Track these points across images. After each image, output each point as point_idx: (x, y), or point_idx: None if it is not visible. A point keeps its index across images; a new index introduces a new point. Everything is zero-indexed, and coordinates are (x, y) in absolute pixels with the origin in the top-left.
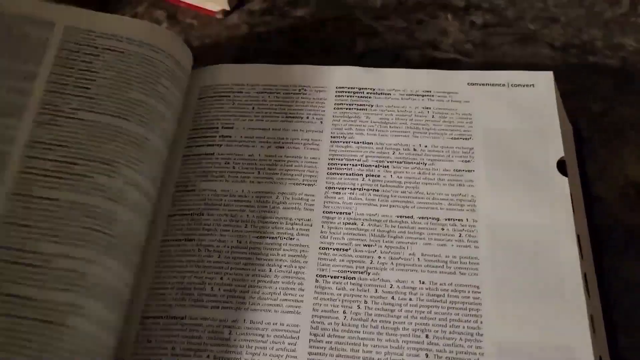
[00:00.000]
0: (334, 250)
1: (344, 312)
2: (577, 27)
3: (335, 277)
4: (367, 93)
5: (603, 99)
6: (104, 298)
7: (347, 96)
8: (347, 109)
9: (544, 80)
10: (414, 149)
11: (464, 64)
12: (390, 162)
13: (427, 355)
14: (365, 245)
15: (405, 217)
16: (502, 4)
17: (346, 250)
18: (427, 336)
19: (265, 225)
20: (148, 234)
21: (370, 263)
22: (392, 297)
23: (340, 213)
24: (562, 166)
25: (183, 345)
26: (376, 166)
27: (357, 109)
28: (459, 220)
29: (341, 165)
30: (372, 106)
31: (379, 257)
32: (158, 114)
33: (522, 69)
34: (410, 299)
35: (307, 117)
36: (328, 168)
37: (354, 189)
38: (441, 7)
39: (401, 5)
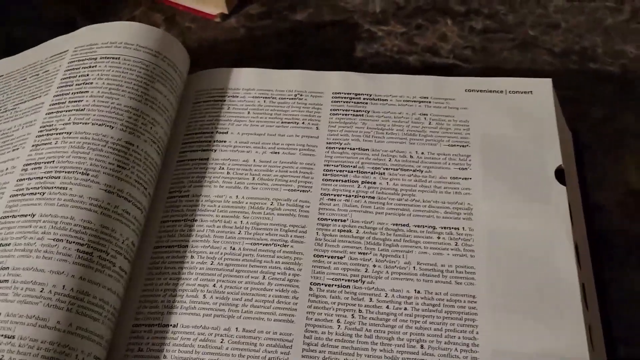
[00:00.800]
0: (328, 257)
1: (338, 321)
2: (578, 33)
3: (329, 285)
4: (364, 99)
5: (603, 106)
6: (86, 309)
7: (344, 102)
8: (343, 114)
9: (543, 87)
10: (411, 156)
11: (463, 70)
12: (387, 169)
13: None
14: (360, 253)
15: (401, 225)
16: (503, 9)
17: (341, 258)
18: (422, 346)
19: (259, 232)
20: (140, 240)
21: (365, 271)
22: (387, 307)
23: (335, 220)
24: (560, 175)
25: (174, 353)
26: (372, 173)
27: (354, 115)
28: (455, 228)
29: (337, 171)
30: (368, 112)
31: (374, 266)
32: (147, 119)
33: (521, 75)
34: (405, 309)
35: (303, 123)
36: (323, 174)
37: (350, 195)
38: (441, 13)
39: (400, 10)
